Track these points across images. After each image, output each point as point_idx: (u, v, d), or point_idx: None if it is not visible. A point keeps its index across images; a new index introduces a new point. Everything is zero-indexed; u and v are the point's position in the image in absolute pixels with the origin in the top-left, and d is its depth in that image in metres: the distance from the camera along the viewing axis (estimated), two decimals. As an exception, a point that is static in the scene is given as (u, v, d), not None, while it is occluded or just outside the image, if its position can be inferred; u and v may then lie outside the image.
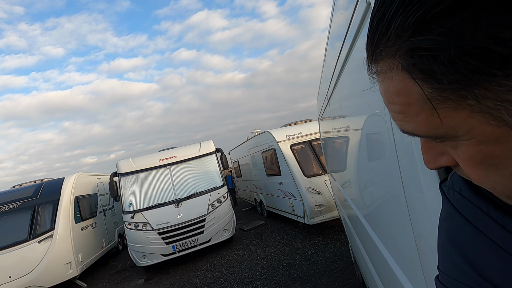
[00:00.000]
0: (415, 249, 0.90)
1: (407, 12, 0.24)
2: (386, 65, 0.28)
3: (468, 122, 0.25)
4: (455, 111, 0.25)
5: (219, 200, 6.75)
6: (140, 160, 7.12)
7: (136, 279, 6.28)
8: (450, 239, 0.39)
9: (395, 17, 0.25)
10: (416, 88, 0.26)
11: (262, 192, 8.98)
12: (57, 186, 7.00)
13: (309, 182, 6.05)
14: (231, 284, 4.76)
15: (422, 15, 0.23)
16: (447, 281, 0.38)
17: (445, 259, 0.39)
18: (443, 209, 0.41)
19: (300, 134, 6.79)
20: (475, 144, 0.27)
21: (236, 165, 12.48)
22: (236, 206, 12.74)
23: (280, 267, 4.94)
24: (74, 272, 6.27)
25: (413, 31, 0.24)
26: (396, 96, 0.28)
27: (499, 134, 0.25)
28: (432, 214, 0.71)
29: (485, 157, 0.27)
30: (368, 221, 1.83)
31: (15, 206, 6.49)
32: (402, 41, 0.25)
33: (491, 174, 0.28)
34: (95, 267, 7.77)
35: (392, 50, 0.26)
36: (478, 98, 0.24)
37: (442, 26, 0.23)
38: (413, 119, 0.28)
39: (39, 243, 6.04)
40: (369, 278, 2.25)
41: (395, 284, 1.24)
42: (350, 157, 2.11)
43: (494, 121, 0.24)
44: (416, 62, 0.25)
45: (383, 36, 0.27)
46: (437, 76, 0.24)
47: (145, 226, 6.26)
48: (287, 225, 7.41)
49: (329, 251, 5.13)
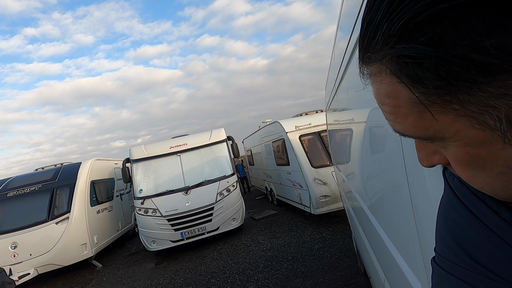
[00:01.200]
0: (416, 234, 0.91)
1: (391, 20, 0.25)
2: (375, 68, 0.29)
3: (454, 125, 0.26)
4: (442, 115, 0.26)
5: (228, 189, 6.68)
6: (151, 147, 7.18)
7: (147, 263, 6.45)
8: (447, 223, 0.40)
9: (381, 23, 0.26)
10: (404, 91, 0.27)
11: (272, 181, 9.08)
12: (74, 170, 7.26)
13: (316, 173, 6.10)
14: (233, 275, 4.72)
15: (405, 24, 0.24)
16: (442, 262, 0.39)
17: (441, 241, 0.41)
18: (444, 194, 0.43)
19: (309, 125, 6.76)
20: (461, 146, 0.28)
21: (249, 154, 12.61)
22: (249, 194, 12.73)
23: (284, 261, 4.81)
24: (89, 253, 6.56)
25: (397, 39, 0.25)
26: (386, 98, 0.29)
27: (484, 137, 0.26)
28: (433, 199, 0.72)
29: (472, 158, 0.28)
30: (371, 210, 1.85)
31: (35, 188, 6.83)
32: (388, 48, 0.26)
33: (479, 174, 0.29)
34: (112, 248, 8.11)
35: (379, 55, 0.27)
36: (462, 103, 0.24)
37: (424, 35, 0.23)
38: (403, 121, 0.29)
39: (56, 224, 6.35)
40: (371, 266, 2.26)
41: (395, 271, 1.25)
42: (356, 148, 2.10)
43: (479, 125, 0.25)
44: (402, 67, 0.26)
45: (371, 40, 0.27)
46: (422, 81, 0.25)
47: (155, 212, 6.35)
48: (297, 216, 7.24)
49: (336, 246, 4.91)
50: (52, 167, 7.96)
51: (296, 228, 6.46)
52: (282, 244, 5.63)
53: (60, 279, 6.57)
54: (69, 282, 6.29)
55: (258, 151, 10.46)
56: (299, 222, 6.79)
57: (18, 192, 6.76)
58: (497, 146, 0.26)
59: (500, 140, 0.25)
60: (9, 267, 5.85)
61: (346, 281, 3.73)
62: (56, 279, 6.59)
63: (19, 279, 5.64)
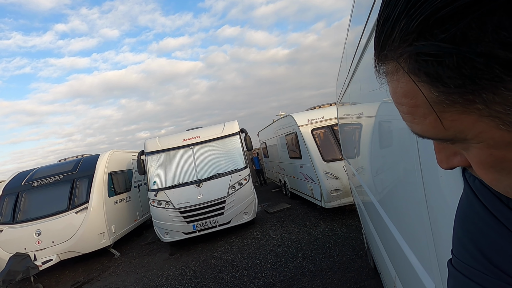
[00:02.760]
0: (430, 233, 0.89)
1: (410, 16, 0.24)
2: (392, 67, 0.28)
3: (477, 126, 0.25)
4: (463, 115, 0.25)
5: (240, 182, 6.61)
6: (165, 140, 7.24)
7: (161, 253, 6.60)
8: (466, 225, 0.39)
9: (399, 20, 0.25)
10: (423, 90, 0.26)
11: (286, 174, 9.08)
12: (92, 162, 7.51)
13: (328, 167, 6.07)
14: (241, 270, 4.68)
15: (425, 19, 0.23)
16: (460, 265, 0.38)
17: (459, 243, 0.39)
18: (463, 195, 0.41)
19: (322, 119, 6.66)
20: (485, 147, 0.26)
21: (264, 146, 12.59)
22: (265, 185, 12.65)
23: (294, 258, 4.69)
24: (107, 242, 6.81)
25: (417, 35, 0.24)
26: (404, 98, 0.28)
27: (510, 138, 0.24)
28: (449, 200, 0.70)
29: (496, 160, 0.27)
30: (383, 207, 1.81)
31: (57, 179, 7.14)
32: (406, 45, 0.25)
33: (504, 177, 0.28)
34: (130, 237, 8.40)
35: (397, 53, 0.26)
36: (486, 103, 0.23)
37: (446, 32, 0.22)
38: (421, 121, 0.28)
39: (76, 214, 6.62)
40: (381, 262, 2.21)
41: (407, 269, 1.23)
42: (368, 142, 2.04)
43: (504, 126, 0.24)
44: (421, 66, 0.24)
45: (388, 38, 0.26)
46: (443, 80, 0.24)
47: (168, 205, 6.43)
48: (312, 211, 7.07)
49: (349, 244, 4.71)
50: (73, 158, 8.29)
51: (309, 223, 6.30)
52: (293, 240, 5.51)
53: (81, 265, 6.90)
54: (89, 269, 6.59)
55: (272, 143, 10.50)
56: (312, 217, 6.62)
57: (42, 182, 7.10)
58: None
59: None
60: (33, 253, 6.20)
61: (356, 283, 3.55)
62: (77, 265, 6.93)
63: (43, 264, 5.97)
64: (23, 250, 6.24)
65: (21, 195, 6.91)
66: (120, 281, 5.43)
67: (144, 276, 5.40)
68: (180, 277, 4.96)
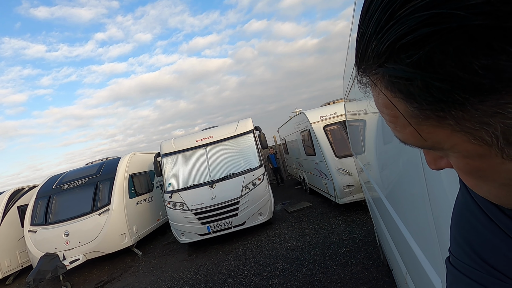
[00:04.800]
0: (434, 229, 0.90)
1: (379, 39, 0.25)
2: (371, 81, 0.28)
3: (451, 139, 0.26)
4: (438, 128, 0.26)
5: (254, 182, 6.41)
6: (179, 141, 7.25)
7: (179, 253, 6.67)
8: (461, 223, 0.39)
9: (371, 40, 0.26)
10: (400, 104, 0.27)
11: (304, 170, 9.04)
12: (114, 165, 7.78)
13: (340, 163, 6.03)
14: (250, 276, 4.49)
15: (392, 44, 0.24)
16: (456, 263, 0.39)
17: (454, 241, 0.40)
18: (459, 193, 0.42)
19: (334, 114, 6.49)
20: (461, 157, 0.28)
21: (284, 142, 12.31)
22: (282, 184, 12.25)
23: (305, 265, 4.39)
24: (128, 242, 7.04)
25: (387, 58, 0.25)
26: (385, 108, 0.29)
27: (482, 151, 0.25)
28: (449, 195, 0.70)
29: (473, 169, 0.28)
30: (390, 202, 1.82)
31: (83, 182, 7.51)
32: (378, 65, 0.26)
33: (482, 184, 0.29)
34: (155, 235, 8.65)
35: (372, 71, 0.27)
36: (456, 119, 0.24)
37: (410, 57, 0.23)
38: (402, 130, 0.29)
39: (99, 215, 6.91)
40: (392, 259, 2.21)
41: (415, 265, 1.25)
42: (374, 139, 2.05)
43: (475, 140, 0.25)
44: (395, 84, 0.25)
45: (364, 54, 0.27)
46: (415, 97, 0.25)
47: (182, 206, 6.44)
48: (332, 211, 6.66)
49: (366, 251, 4.30)
50: (98, 161, 8.68)
51: (327, 225, 5.92)
52: (308, 243, 5.20)
53: (107, 263, 7.24)
54: (114, 267, 6.87)
55: (291, 140, 10.38)
56: (332, 218, 6.22)
57: (69, 185, 7.53)
58: (496, 160, 0.25)
59: (498, 155, 0.25)
60: (63, 253, 6.60)
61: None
62: (104, 263, 7.27)
63: (70, 264, 6.32)
64: (54, 250, 6.67)
65: (52, 198, 7.38)
66: (136, 282, 5.56)
67: (158, 278, 5.46)
68: (191, 281, 4.92)
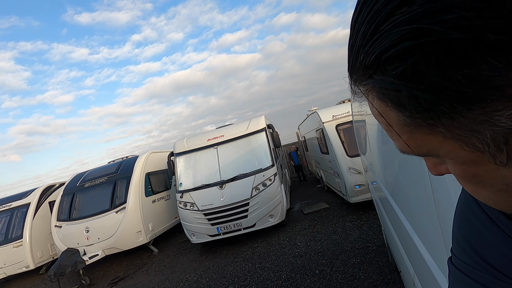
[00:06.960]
0: (439, 229, 0.90)
1: (366, 52, 0.25)
2: (362, 90, 0.29)
3: (444, 145, 0.26)
4: (430, 135, 0.26)
5: (264, 183, 6.15)
6: (191, 140, 7.20)
7: (191, 253, 6.66)
8: (462, 223, 0.39)
9: (360, 53, 0.26)
10: (393, 113, 0.27)
11: (321, 168, 8.92)
12: (131, 163, 7.97)
13: (351, 162, 5.98)
14: (251, 284, 4.29)
15: (377, 57, 0.24)
16: (458, 263, 0.39)
17: (456, 241, 0.40)
18: (462, 194, 0.42)
19: (347, 113, 6.28)
20: (457, 164, 0.28)
21: (303, 140, 11.94)
22: (304, 182, 11.77)
23: (310, 275, 4.08)
24: (144, 240, 7.18)
25: (374, 70, 0.25)
26: (379, 117, 0.29)
27: (476, 158, 0.25)
28: (453, 195, 0.72)
29: (470, 175, 0.28)
30: (397, 202, 1.81)
31: (103, 180, 7.80)
32: (367, 76, 0.26)
33: (480, 189, 0.29)
34: (172, 232, 8.78)
35: (363, 81, 0.27)
36: (447, 127, 0.24)
37: (396, 69, 0.23)
38: (398, 138, 0.29)
39: (116, 213, 7.13)
40: (400, 260, 2.21)
41: (422, 266, 1.25)
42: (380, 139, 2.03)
43: (467, 147, 0.25)
44: (385, 95, 0.26)
45: (354, 65, 0.28)
46: (405, 106, 0.25)
47: (192, 206, 6.39)
48: (349, 214, 6.20)
49: (378, 264, 3.87)
50: (119, 160, 8.98)
51: (341, 230, 5.50)
52: (318, 250, 4.85)
53: (126, 259, 7.47)
54: (130, 264, 7.06)
55: (309, 137, 10.14)
56: (347, 223, 5.78)
57: (91, 183, 7.86)
58: (490, 166, 0.25)
59: (492, 161, 0.25)
60: (83, 248, 6.92)
61: (369, 323, 2.82)
62: (124, 259, 7.52)
63: (89, 259, 6.60)
64: (76, 245, 7.01)
65: (76, 195, 7.76)
66: (147, 281, 5.62)
67: (167, 279, 5.47)
68: (195, 285, 4.84)
